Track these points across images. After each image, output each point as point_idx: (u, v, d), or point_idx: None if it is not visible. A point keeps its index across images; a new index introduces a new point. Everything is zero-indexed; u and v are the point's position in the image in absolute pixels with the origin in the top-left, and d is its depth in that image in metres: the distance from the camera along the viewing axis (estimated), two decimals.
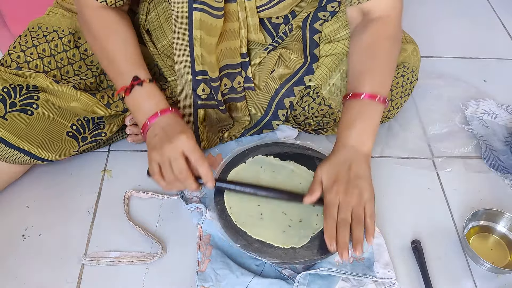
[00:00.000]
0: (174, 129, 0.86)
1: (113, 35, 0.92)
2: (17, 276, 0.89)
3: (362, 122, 0.89)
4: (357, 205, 0.83)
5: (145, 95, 0.89)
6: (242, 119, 1.10)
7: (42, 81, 0.93)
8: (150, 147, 0.86)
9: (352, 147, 0.88)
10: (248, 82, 1.06)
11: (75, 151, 0.99)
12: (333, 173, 0.86)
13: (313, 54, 1.07)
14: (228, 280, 0.86)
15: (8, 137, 0.90)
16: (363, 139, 0.89)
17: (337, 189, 0.84)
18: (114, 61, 0.91)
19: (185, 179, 0.85)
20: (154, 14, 1.05)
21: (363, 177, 0.85)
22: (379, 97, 0.90)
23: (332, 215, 0.83)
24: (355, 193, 0.83)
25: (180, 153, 0.84)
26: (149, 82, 0.90)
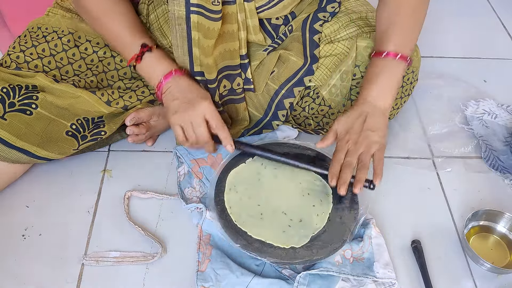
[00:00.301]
0: (194, 93, 0.93)
1: (113, 10, 0.95)
2: (17, 276, 0.89)
3: (382, 79, 0.95)
4: (365, 153, 0.89)
5: (156, 59, 0.95)
6: (242, 120, 1.10)
7: (42, 80, 0.93)
8: (171, 110, 0.92)
9: (370, 102, 0.94)
10: (247, 83, 1.06)
11: (75, 149, 0.99)
12: (348, 124, 0.93)
13: (313, 54, 1.07)
14: (228, 280, 0.86)
15: (7, 137, 0.90)
16: (381, 95, 0.94)
17: (348, 138, 0.91)
18: (119, 34, 0.95)
19: (205, 142, 0.93)
20: (154, 16, 1.05)
21: (377, 129, 0.91)
22: (400, 55, 0.95)
23: (338, 158, 0.90)
24: (364, 143, 0.90)
25: (202, 119, 0.91)
26: (157, 48, 0.96)
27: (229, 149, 0.94)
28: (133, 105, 1.03)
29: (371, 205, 1.00)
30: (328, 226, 0.91)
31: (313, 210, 0.93)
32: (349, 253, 0.91)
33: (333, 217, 0.92)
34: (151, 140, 1.11)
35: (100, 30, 0.97)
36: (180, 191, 1.01)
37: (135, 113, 1.02)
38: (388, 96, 0.95)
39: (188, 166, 1.04)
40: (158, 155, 1.11)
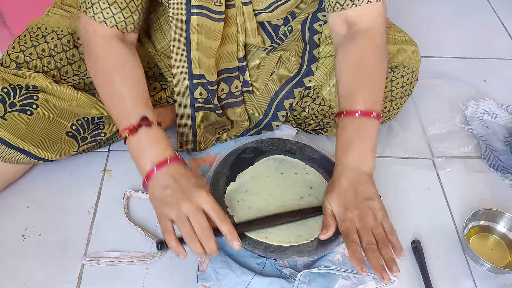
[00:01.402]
0: (190, 182, 0.80)
1: (123, 70, 0.87)
2: (17, 276, 0.89)
3: (360, 141, 0.87)
4: (376, 227, 0.81)
5: (152, 137, 0.83)
6: (241, 123, 1.10)
7: (42, 81, 0.93)
8: (160, 200, 0.80)
9: (354, 169, 0.86)
10: (246, 86, 1.06)
11: (75, 151, 0.99)
12: (342, 201, 0.84)
13: (312, 55, 1.07)
14: (228, 280, 0.86)
15: (8, 137, 0.90)
16: (363, 159, 0.87)
17: (351, 216, 0.82)
18: (121, 98, 0.85)
19: (207, 238, 0.77)
20: (154, 16, 1.05)
21: (372, 197, 0.83)
22: (374, 114, 0.87)
23: (354, 241, 0.80)
24: (369, 215, 0.81)
25: (200, 210, 0.78)
26: (157, 126, 0.85)
27: (235, 245, 0.79)
28: None
29: None
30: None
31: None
32: None
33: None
34: None
35: (102, 87, 0.88)
36: None
37: None
38: (370, 159, 0.87)
39: (188, 166, 1.04)
40: None
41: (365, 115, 0.87)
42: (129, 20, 0.88)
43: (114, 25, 0.87)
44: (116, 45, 0.88)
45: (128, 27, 0.89)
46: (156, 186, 0.81)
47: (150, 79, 1.09)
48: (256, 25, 1.02)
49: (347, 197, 0.84)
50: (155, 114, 0.86)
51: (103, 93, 0.89)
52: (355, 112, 0.87)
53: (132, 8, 0.88)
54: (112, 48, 0.88)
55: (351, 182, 0.85)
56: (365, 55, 0.92)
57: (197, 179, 0.83)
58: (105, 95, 0.89)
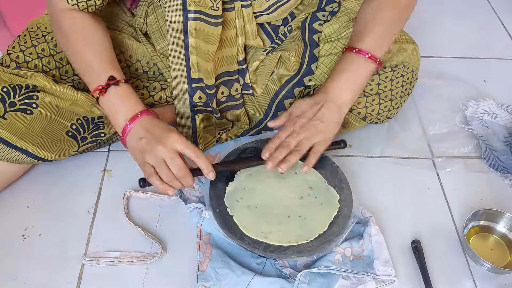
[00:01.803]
0: (160, 129, 0.86)
1: (87, 37, 0.91)
2: (17, 276, 0.89)
3: (346, 75, 0.95)
4: (305, 139, 0.91)
5: (121, 95, 0.88)
6: (242, 124, 1.10)
7: (41, 81, 0.93)
8: (138, 150, 0.86)
9: (329, 94, 0.95)
10: (246, 88, 1.06)
11: (75, 151, 0.99)
12: (301, 109, 0.94)
13: (312, 54, 1.07)
14: (228, 279, 0.86)
15: (8, 136, 0.90)
16: (342, 90, 0.95)
17: (296, 121, 0.92)
18: (87, 62, 0.90)
19: (184, 176, 0.85)
20: (153, 17, 1.05)
21: (326, 121, 0.92)
22: (371, 55, 0.94)
23: (280, 136, 0.92)
24: (310, 130, 0.91)
25: (174, 151, 0.84)
26: (125, 83, 0.90)
27: (210, 176, 0.88)
28: None
29: (371, 204, 1.01)
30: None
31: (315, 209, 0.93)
32: (349, 251, 0.91)
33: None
34: None
35: (71, 53, 0.92)
36: (180, 191, 1.01)
37: None
38: (348, 92, 0.95)
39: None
40: None
41: (363, 53, 0.95)
42: (91, 2, 0.91)
43: (75, 3, 0.90)
44: (78, 15, 0.92)
45: (89, 8, 0.92)
46: (132, 139, 0.87)
47: (150, 79, 1.09)
48: (256, 27, 1.02)
49: (307, 109, 0.94)
50: (122, 73, 0.91)
51: (74, 62, 0.93)
52: (353, 49, 0.96)
53: None
54: (74, 18, 0.91)
55: (320, 101, 0.94)
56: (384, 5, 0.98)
57: (167, 125, 0.88)
58: (74, 62, 0.93)
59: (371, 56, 0.95)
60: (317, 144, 0.92)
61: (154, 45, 1.07)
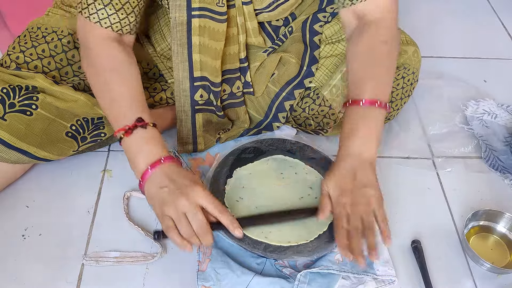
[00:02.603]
0: (185, 179, 0.81)
1: (119, 72, 0.88)
2: (17, 276, 0.89)
3: (364, 129, 0.87)
4: (367, 214, 0.82)
5: (147, 139, 0.84)
6: (242, 123, 1.10)
7: (41, 82, 0.93)
8: (158, 200, 0.81)
9: (355, 155, 0.86)
10: (247, 87, 1.06)
11: (74, 151, 0.99)
12: (339, 185, 0.85)
13: (313, 56, 1.07)
14: (228, 280, 0.86)
15: (7, 137, 0.90)
16: (366, 146, 0.87)
17: (344, 201, 0.83)
18: (116, 100, 0.86)
19: (205, 233, 0.79)
20: (154, 18, 1.05)
21: (369, 184, 0.84)
22: (380, 102, 0.88)
23: (342, 225, 0.82)
24: (362, 202, 0.83)
25: (197, 206, 0.79)
26: (152, 127, 0.86)
27: (237, 234, 0.82)
28: None
29: None
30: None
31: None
32: None
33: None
34: None
35: (99, 87, 0.88)
36: None
37: None
38: (373, 146, 0.87)
39: (187, 166, 1.04)
40: None
41: (370, 103, 0.87)
42: (125, 21, 0.88)
43: (109, 26, 0.87)
44: (112, 46, 0.88)
45: (123, 29, 0.89)
46: (152, 187, 0.82)
47: (150, 80, 1.09)
48: (257, 25, 1.02)
49: (344, 182, 0.85)
50: (150, 115, 0.87)
51: (99, 94, 0.89)
52: (359, 101, 0.88)
53: (127, 9, 0.87)
54: (108, 49, 0.88)
55: (351, 167, 0.86)
56: (374, 46, 0.93)
57: (192, 176, 0.84)
58: (100, 96, 0.89)
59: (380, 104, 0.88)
60: (378, 210, 0.84)
61: (155, 46, 1.07)
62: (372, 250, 0.80)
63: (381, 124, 0.89)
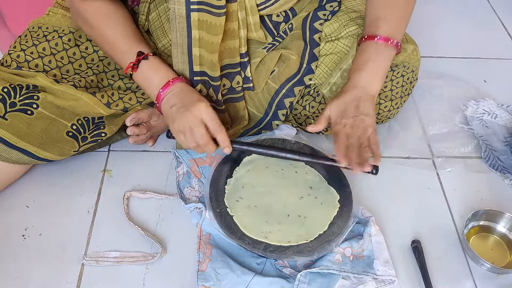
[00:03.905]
0: (191, 97, 0.91)
1: (110, 19, 0.95)
2: (17, 276, 0.89)
3: (373, 64, 0.95)
4: (363, 135, 0.90)
5: (152, 67, 0.93)
6: (241, 120, 1.09)
7: (42, 81, 0.93)
8: (170, 119, 0.91)
9: (361, 87, 0.93)
10: (247, 82, 1.06)
11: (75, 151, 0.99)
12: (341, 109, 0.92)
13: (313, 53, 1.07)
14: (228, 279, 0.86)
15: (8, 137, 0.90)
16: (372, 80, 0.94)
17: (345, 122, 0.91)
18: (114, 42, 0.94)
19: (205, 144, 0.90)
20: (155, 14, 1.05)
21: (368, 114, 0.91)
22: (393, 41, 0.95)
23: (342, 140, 0.90)
24: (361, 126, 0.90)
25: (200, 121, 0.88)
26: (153, 55, 0.94)
27: (226, 151, 0.92)
28: (132, 107, 1.03)
29: (371, 204, 1.01)
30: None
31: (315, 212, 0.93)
32: (349, 251, 0.91)
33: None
34: (151, 141, 1.11)
35: (97, 39, 0.96)
36: (179, 191, 1.01)
37: (135, 113, 1.02)
38: (378, 82, 0.95)
39: (187, 166, 1.04)
40: (158, 155, 1.11)
41: (384, 40, 0.95)
42: None
43: None
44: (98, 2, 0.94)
45: None
46: (165, 106, 0.92)
47: None
48: (259, 20, 1.02)
49: (347, 107, 0.92)
50: (148, 46, 0.96)
51: (99, 44, 0.97)
52: (375, 37, 0.95)
53: None
54: (95, 5, 0.94)
55: (355, 97, 0.93)
56: None
57: (197, 94, 0.93)
58: (102, 46, 0.97)
59: (392, 41, 0.95)
60: (372, 136, 0.91)
61: (156, 43, 1.07)
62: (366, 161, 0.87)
63: (389, 61, 0.97)
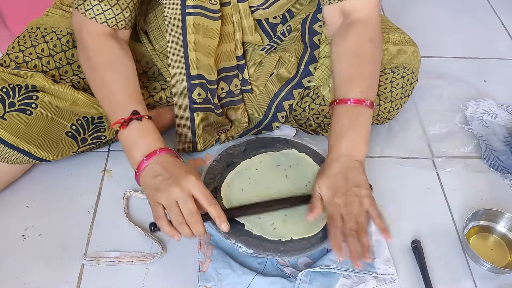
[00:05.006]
0: (179, 169, 0.82)
1: (114, 67, 0.90)
2: (17, 276, 0.89)
3: (353, 129, 0.88)
4: (360, 214, 0.82)
5: (142, 131, 0.86)
6: (241, 122, 1.09)
7: (41, 81, 0.93)
8: (152, 188, 0.81)
9: (346, 156, 0.87)
10: (245, 84, 1.06)
11: (74, 152, 0.99)
12: (331, 186, 0.85)
13: (312, 55, 1.07)
14: (230, 279, 0.86)
15: (7, 137, 0.90)
16: (356, 146, 0.88)
17: (337, 202, 0.84)
18: (112, 93, 0.88)
19: (195, 222, 0.79)
20: (152, 15, 1.05)
21: (360, 184, 0.84)
22: (367, 102, 0.89)
23: (337, 226, 0.82)
24: (355, 202, 0.83)
25: (189, 195, 0.80)
26: (148, 119, 0.87)
27: (223, 228, 0.82)
28: None
29: None
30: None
31: None
32: None
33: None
34: None
35: (95, 83, 0.90)
36: None
37: None
38: (361, 147, 0.88)
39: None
40: None
41: (358, 103, 0.89)
42: (120, 17, 0.90)
43: (105, 21, 0.89)
44: (107, 41, 0.90)
45: (119, 24, 0.91)
46: (147, 177, 0.83)
47: (150, 79, 1.09)
48: (254, 23, 1.02)
49: (336, 182, 0.85)
50: (145, 108, 0.89)
51: (96, 88, 0.91)
52: (347, 100, 0.89)
53: (122, 5, 0.89)
54: (103, 44, 0.90)
55: (342, 168, 0.86)
56: (360, 45, 0.94)
57: (187, 166, 0.85)
58: (97, 91, 0.91)
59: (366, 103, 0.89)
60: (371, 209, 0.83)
61: (153, 44, 1.07)
62: (365, 251, 0.79)
63: (368, 123, 0.90)
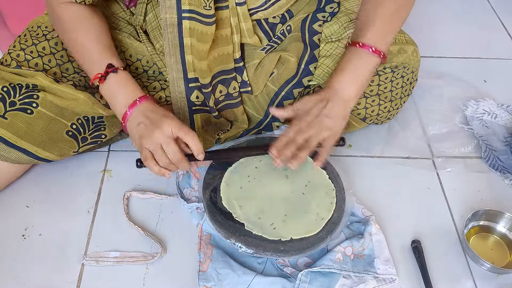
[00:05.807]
0: (158, 114, 0.88)
1: (85, 26, 0.93)
2: (17, 276, 0.89)
3: (350, 69, 0.94)
4: (314, 136, 0.89)
5: (120, 82, 0.91)
6: (241, 123, 1.09)
7: (42, 80, 0.93)
8: (137, 135, 0.88)
9: (334, 89, 0.93)
10: (244, 86, 1.06)
11: (75, 151, 0.99)
12: (308, 105, 0.92)
13: (313, 55, 1.06)
14: (230, 280, 0.86)
15: (8, 136, 0.90)
16: (347, 85, 0.93)
17: (305, 118, 0.90)
18: (86, 50, 0.92)
19: (179, 160, 0.87)
20: (152, 15, 1.05)
21: (333, 117, 0.90)
22: (375, 49, 0.93)
23: (287, 134, 0.90)
24: (316, 126, 0.89)
25: (170, 136, 0.86)
26: (123, 70, 0.92)
27: (200, 157, 0.89)
28: None
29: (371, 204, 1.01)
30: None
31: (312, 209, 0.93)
32: (350, 250, 0.91)
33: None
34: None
35: (70, 43, 0.94)
36: (179, 191, 1.01)
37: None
38: (353, 87, 0.93)
39: None
40: None
41: (366, 48, 0.93)
42: None
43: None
44: (76, 7, 0.93)
45: (86, 1, 0.93)
46: (132, 125, 0.89)
47: (150, 78, 1.09)
48: (252, 25, 1.02)
49: (313, 106, 0.92)
50: (120, 60, 0.93)
51: (71, 49, 0.95)
52: (357, 43, 0.94)
53: None
54: (72, 10, 0.93)
55: (325, 97, 0.92)
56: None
57: (165, 110, 0.90)
58: (73, 51, 0.95)
59: (375, 50, 0.93)
60: (325, 140, 0.91)
61: (153, 43, 1.07)
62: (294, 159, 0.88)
63: (370, 70, 0.95)
